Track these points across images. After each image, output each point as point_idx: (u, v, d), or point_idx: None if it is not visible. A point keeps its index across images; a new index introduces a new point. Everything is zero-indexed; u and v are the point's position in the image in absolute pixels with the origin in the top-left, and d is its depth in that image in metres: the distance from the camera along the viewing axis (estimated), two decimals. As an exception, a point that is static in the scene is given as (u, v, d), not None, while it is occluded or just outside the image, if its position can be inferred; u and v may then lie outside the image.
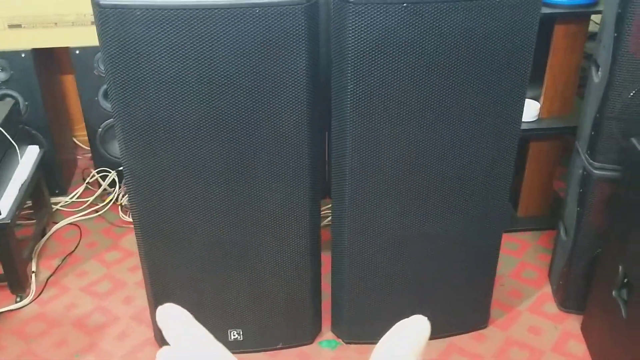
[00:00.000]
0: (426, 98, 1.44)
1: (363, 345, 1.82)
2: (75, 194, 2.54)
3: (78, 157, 2.84)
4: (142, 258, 1.64)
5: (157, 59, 1.34)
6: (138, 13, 1.29)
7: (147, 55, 1.34)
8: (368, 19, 1.33)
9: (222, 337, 1.74)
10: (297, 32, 1.34)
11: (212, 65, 1.35)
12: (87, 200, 2.51)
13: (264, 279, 1.66)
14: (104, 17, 1.31)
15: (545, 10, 1.94)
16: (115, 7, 1.29)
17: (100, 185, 2.53)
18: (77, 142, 2.83)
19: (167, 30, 1.31)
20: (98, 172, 2.53)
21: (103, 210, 2.47)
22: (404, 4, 1.32)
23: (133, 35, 1.32)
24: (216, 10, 1.30)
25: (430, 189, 1.57)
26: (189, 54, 1.34)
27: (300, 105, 1.43)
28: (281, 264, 1.64)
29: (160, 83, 1.37)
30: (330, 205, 1.66)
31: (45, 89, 2.35)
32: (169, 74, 1.36)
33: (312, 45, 1.38)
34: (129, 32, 1.31)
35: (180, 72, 1.36)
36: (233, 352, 1.92)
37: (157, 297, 1.70)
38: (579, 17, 1.99)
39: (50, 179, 2.41)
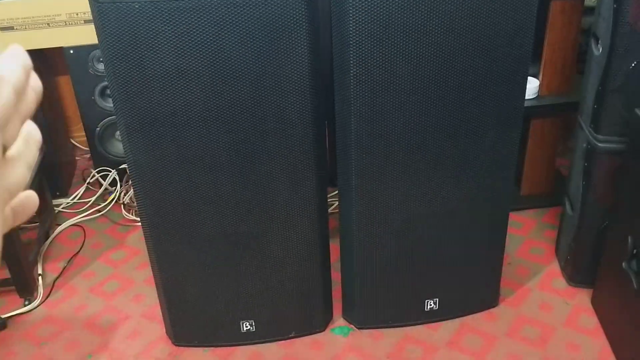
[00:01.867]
0: (429, 80, 1.43)
1: (375, 330, 1.82)
2: (76, 195, 2.53)
3: (77, 158, 2.82)
4: (150, 253, 1.64)
5: (158, 51, 1.33)
6: (136, 6, 1.28)
7: (148, 48, 1.33)
8: (369, 1, 1.32)
9: (234, 328, 1.74)
10: (298, 19, 1.33)
11: (214, 55, 1.34)
12: (89, 201, 2.50)
13: (273, 268, 1.66)
14: (102, 12, 1.29)
15: (541, -14, 1.93)
16: (113, 1, 1.28)
17: (101, 185, 2.52)
18: (75, 143, 2.82)
19: (167, 22, 1.30)
20: (98, 172, 2.51)
21: (106, 210, 2.46)
22: (404, -15, 1.31)
23: (133, 29, 1.31)
24: (216, 0, 1.29)
25: (435, 169, 1.57)
26: (190, 45, 1.33)
27: (303, 92, 1.42)
28: (290, 253, 1.64)
29: (163, 76, 1.36)
30: (335, 193, 1.66)
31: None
32: (170, 66, 1.35)
33: (313, 32, 1.37)
34: (128, 26, 1.30)
35: (182, 63, 1.35)
36: (246, 344, 1.90)
37: (167, 292, 1.69)
38: (575, -9, 1.98)
39: (50, 182, 2.39)
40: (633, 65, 1.57)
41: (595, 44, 1.67)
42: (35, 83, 0.44)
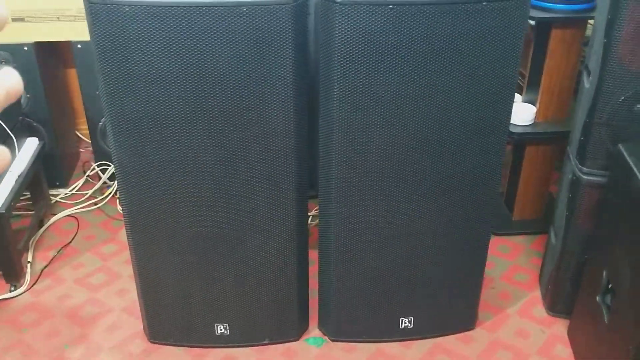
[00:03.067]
0: (413, 99, 1.45)
1: (349, 343, 1.83)
2: (75, 187, 2.58)
3: (81, 150, 2.87)
4: (131, 250, 1.67)
5: (146, 54, 1.36)
6: (127, 9, 1.31)
7: (137, 50, 1.36)
8: (355, 19, 1.34)
9: (209, 330, 1.77)
10: (284, 31, 1.36)
11: (200, 62, 1.37)
12: (87, 193, 2.54)
13: (251, 274, 1.68)
14: (94, 13, 1.33)
15: (542, 14, 1.94)
16: (104, 3, 1.31)
17: (100, 179, 2.56)
18: (79, 135, 2.87)
19: (156, 27, 1.33)
20: (98, 166, 2.56)
21: (102, 203, 2.50)
22: (390, 6, 1.33)
23: (122, 31, 1.34)
24: (204, 8, 1.32)
25: (417, 188, 1.58)
26: (178, 50, 1.36)
27: (287, 102, 1.44)
28: (268, 260, 1.66)
29: (150, 78, 1.39)
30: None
31: (47, 82, 2.38)
32: (158, 69, 1.38)
33: (299, 44, 1.40)
34: (119, 27, 1.33)
35: (169, 68, 1.38)
36: (220, 346, 1.93)
37: (145, 290, 1.72)
38: (575, 22, 1.99)
39: (51, 171, 2.44)
40: (621, 100, 1.58)
41: (587, 76, 1.67)
42: (11, 79, 0.44)
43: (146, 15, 1.32)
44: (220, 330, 1.77)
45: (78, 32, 2.31)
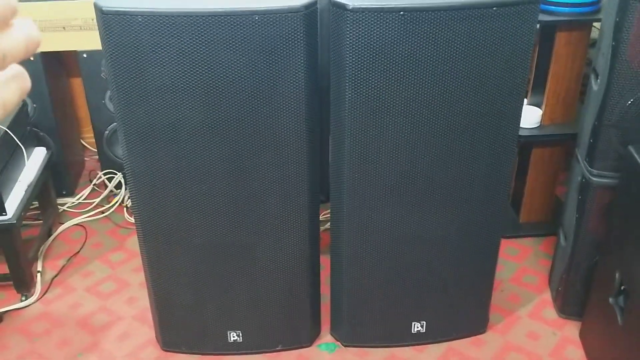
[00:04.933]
0: (424, 105, 1.46)
1: (362, 348, 1.83)
2: (81, 196, 2.58)
3: (86, 158, 2.87)
4: (143, 259, 1.67)
5: (158, 63, 1.37)
6: (140, 19, 1.32)
7: (149, 60, 1.36)
8: (365, 26, 1.35)
9: (221, 337, 1.77)
10: (296, 39, 1.36)
11: (213, 70, 1.38)
12: (94, 202, 2.54)
13: (263, 281, 1.69)
14: (106, 23, 1.33)
15: (547, 18, 1.95)
16: (117, 13, 1.32)
17: (106, 187, 2.57)
18: (85, 144, 2.87)
19: (169, 36, 1.34)
20: (105, 174, 2.56)
21: (109, 212, 2.51)
22: (401, 13, 1.34)
23: (135, 41, 1.34)
24: (216, 17, 1.32)
25: (428, 194, 1.59)
26: (190, 59, 1.37)
27: (299, 110, 1.45)
28: (280, 267, 1.67)
29: (162, 87, 1.40)
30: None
31: (53, 91, 2.39)
32: (170, 78, 1.39)
33: (310, 51, 1.40)
34: (131, 37, 1.34)
35: (181, 76, 1.39)
36: (232, 354, 1.92)
37: (158, 298, 1.72)
38: (580, 24, 2.00)
39: (57, 180, 2.45)
40: (630, 102, 1.58)
41: (595, 78, 1.68)
42: (29, 29, 0.43)
43: (159, 25, 1.33)
44: (233, 337, 1.77)
45: (84, 41, 2.31)
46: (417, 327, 1.80)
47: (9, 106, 0.43)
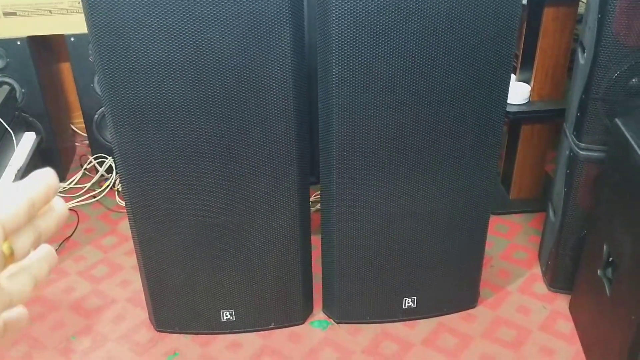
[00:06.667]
0: (411, 80, 1.46)
1: (354, 325, 1.85)
2: (72, 180, 2.58)
3: (76, 143, 2.87)
4: (134, 240, 1.67)
5: (144, 42, 1.36)
6: (124, -2, 1.32)
7: (135, 39, 1.36)
8: (351, 3, 1.35)
9: (214, 317, 1.78)
10: (282, 14, 1.36)
11: (199, 47, 1.38)
12: (85, 187, 2.54)
13: (255, 260, 1.69)
14: (91, 3, 1.33)
15: (535, -7, 1.95)
16: (101, -8, 1.31)
17: (97, 172, 2.56)
18: (75, 129, 2.87)
19: (154, 14, 1.33)
20: (95, 159, 2.56)
21: (100, 196, 2.51)
22: (387, -13, 1.34)
23: (120, 20, 1.34)
24: (201, -5, 1.32)
25: (416, 169, 1.59)
26: (176, 37, 1.36)
27: (286, 87, 1.45)
28: (272, 246, 1.67)
29: (149, 66, 1.39)
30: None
31: (42, 76, 2.38)
32: (156, 57, 1.38)
33: (297, 28, 1.40)
34: (116, 17, 1.33)
35: (167, 55, 1.38)
36: (226, 332, 1.93)
37: (150, 279, 1.73)
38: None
39: (48, 165, 2.40)
40: (616, 75, 1.59)
41: (581, 52, 1.69)
42: (59, 206, 0.45)
43: (143, 3, 1.32)
44: (226, 316, 1.78)
45: (71, 25, 2.30)
46: (409, 303, 1.82)
47: (40, 285, 0.44)
